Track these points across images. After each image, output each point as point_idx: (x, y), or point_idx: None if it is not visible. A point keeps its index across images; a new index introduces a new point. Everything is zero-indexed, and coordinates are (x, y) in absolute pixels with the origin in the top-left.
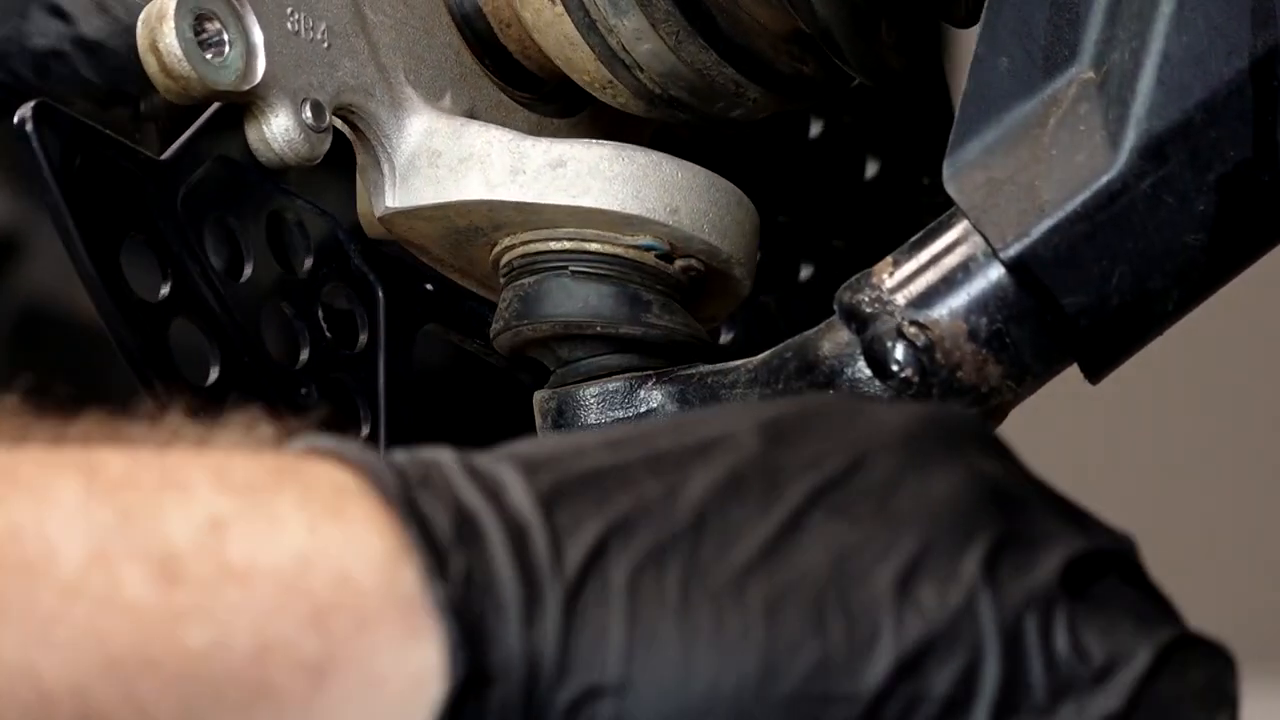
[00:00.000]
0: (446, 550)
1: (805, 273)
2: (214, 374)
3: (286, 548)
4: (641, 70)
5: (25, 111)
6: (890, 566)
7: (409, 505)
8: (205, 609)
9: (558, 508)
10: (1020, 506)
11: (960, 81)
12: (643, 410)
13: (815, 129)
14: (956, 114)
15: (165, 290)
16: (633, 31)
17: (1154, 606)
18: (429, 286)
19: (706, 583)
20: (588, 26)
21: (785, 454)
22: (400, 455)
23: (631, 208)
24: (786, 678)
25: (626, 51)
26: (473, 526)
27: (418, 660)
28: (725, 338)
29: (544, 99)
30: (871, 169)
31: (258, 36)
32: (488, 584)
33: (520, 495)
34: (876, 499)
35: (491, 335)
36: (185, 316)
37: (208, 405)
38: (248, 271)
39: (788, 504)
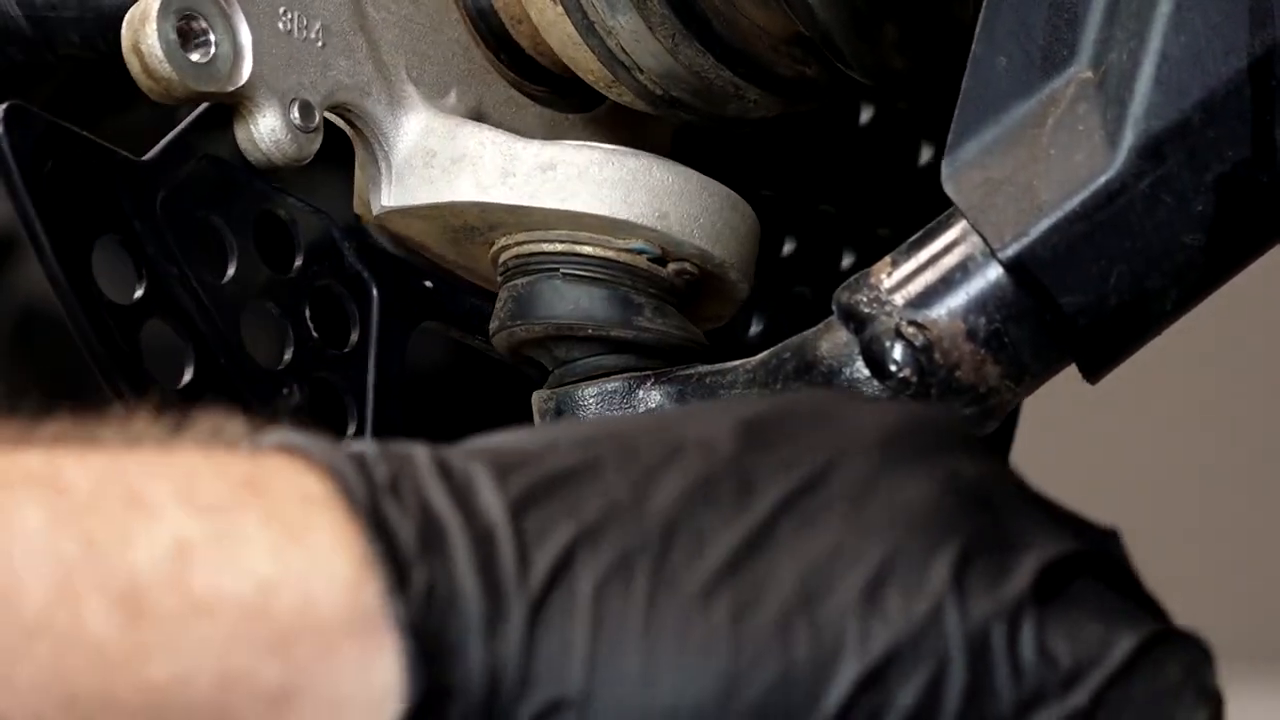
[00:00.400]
0: (410, 563)
1: (848, 261)
2: (188, 375)
3: (251, 573)
4: (641, 72)
5: None
6: (858, 575)
7: (375, 515)
8: (168, 643)
9: (527, 513)
10: (998, 510)
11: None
12: (641, 410)
13: (866, 115)
14: (955, 114)
15: (139, 292)
16: (630, 34)
17: (1132, 604)
18: (428, 284)
19: (673, 594)
20: (587, 28)
21: (759, 457)
22: (372, 451)
23: (620, 212)
24: (749, 692)
25: (625, 53)
26: (439, 535)
27: (378, 680)
28: (755, 329)
29: (560, 94)
30: (926, 155)
31: (245, 37)
32: (451, 597)
33: (490, 499)
34: (848, 505)
35: (490, 334)
36: (159, 318)
37: (180, 408)
38: (230, 271)
39: (757, 512)
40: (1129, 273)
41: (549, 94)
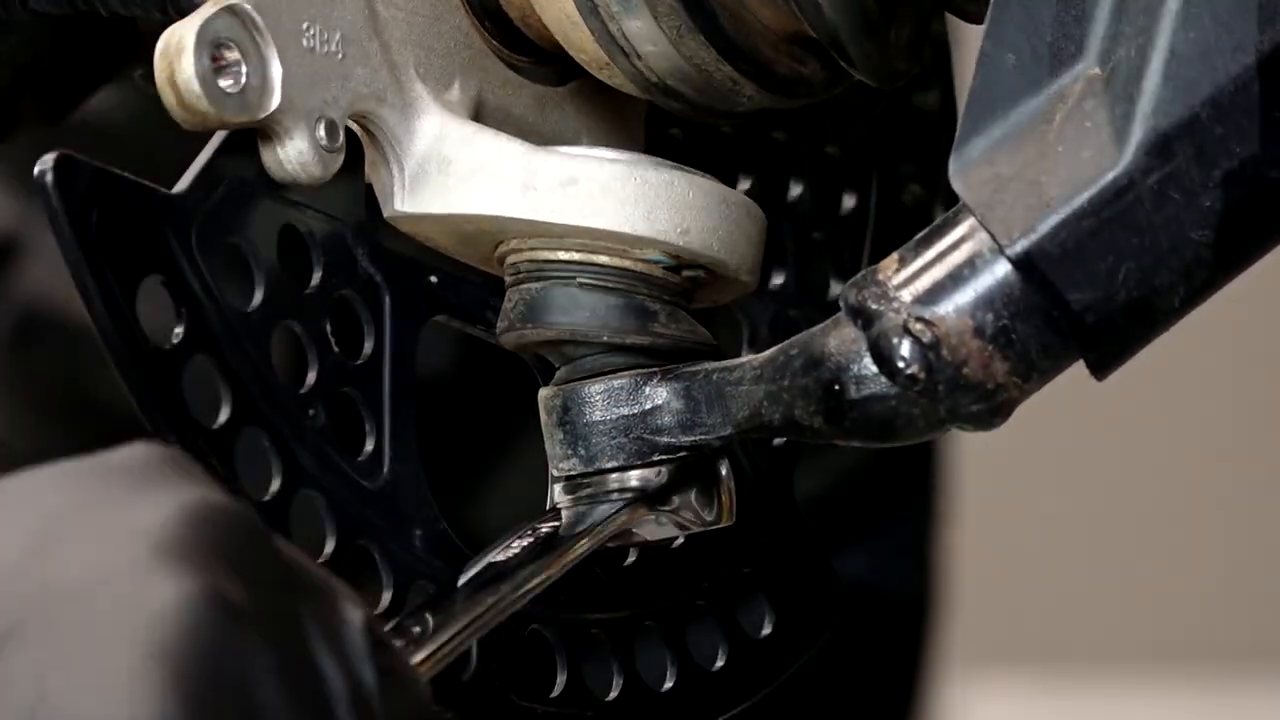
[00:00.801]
0: None
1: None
2: (224, 414)
3: None
4: (639, 58)
5: (46, 164)
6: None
7: None
8: None
9: None
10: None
11: (967, 78)
12: (648, 407)
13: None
14: (963, 110)
15: (179, 332)
16: (634, 21)
17: None
18: (432, 279)
19: None
20: (589, 10)
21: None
22: None
23: (642, 229)
24: None
25: (626, 39)
26: None
27: None
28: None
29: (542, 62)
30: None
31: (275, 68)
32: None
33: None
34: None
35: (497, 332)
36: (199, 357)
37: (219, 446)
38: (258, 297)
39: None
40: (1137, 269)
41: (531, 64)
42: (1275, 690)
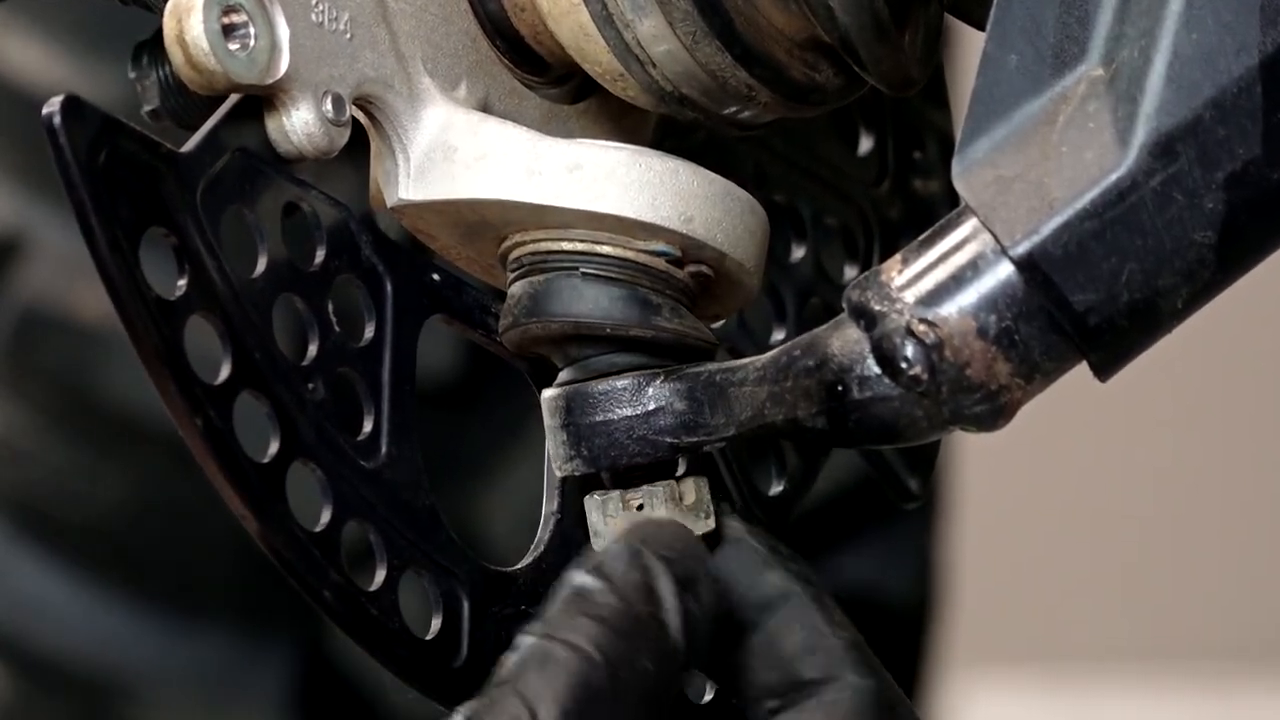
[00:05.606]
0: None
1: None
2: (225, 372)
3: None
4: (655, 67)
5: (54, 106)
6: None
7: None
8: None
9: None
10: None
11: (966, 81)
12: (651, 407)
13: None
14: (966, 111)
15: (182, 285)
16: (650, 29)
17: None
18: (435, 277)
19: None
20: (604, 19)
21: None
22: None
23: (646, 215)
24: None
25: (642, 48)
26: None
27: None
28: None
29: (553, 82)
30: None
31: (283, 31)
32: None
33: None
34: None
35: (500, 330)
36: (201, 313)
37: (217, 402)
38: (261, 265)
39: None
40: (1140, 271)
41: (542, 84)
42: (1275, 690)
